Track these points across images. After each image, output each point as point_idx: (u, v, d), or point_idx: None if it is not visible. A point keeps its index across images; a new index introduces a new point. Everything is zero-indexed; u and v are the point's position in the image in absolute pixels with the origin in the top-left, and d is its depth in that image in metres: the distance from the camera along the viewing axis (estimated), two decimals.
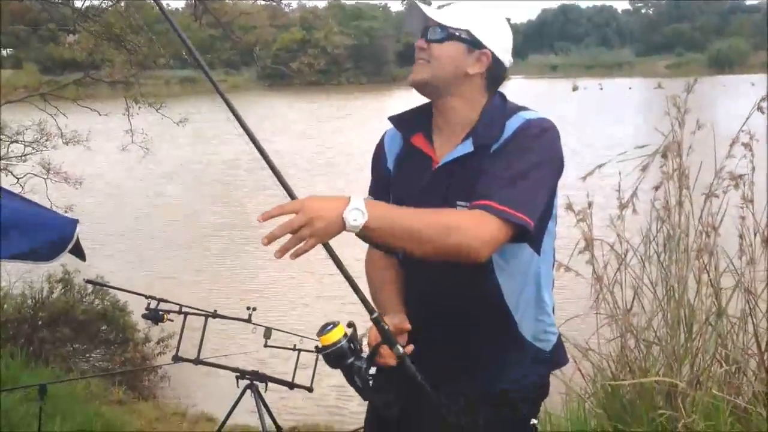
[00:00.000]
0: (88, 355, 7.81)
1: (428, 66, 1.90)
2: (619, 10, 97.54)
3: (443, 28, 1.88)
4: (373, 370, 1.85)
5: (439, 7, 1.93)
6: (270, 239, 1.60)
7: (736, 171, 3.10)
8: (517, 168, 1.78)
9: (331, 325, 1.81)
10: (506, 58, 1.93)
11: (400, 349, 1.76)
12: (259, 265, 11.80)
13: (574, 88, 47.05)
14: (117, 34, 9.64)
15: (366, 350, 1.84)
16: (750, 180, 3.13)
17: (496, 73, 1.92)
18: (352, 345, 1.80)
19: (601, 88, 47.66)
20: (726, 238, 3.20)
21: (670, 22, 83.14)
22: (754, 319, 3.08)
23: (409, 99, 2.01)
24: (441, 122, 1.96)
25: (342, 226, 1.62)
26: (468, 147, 1.87)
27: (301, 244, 1.60)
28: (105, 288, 7.22)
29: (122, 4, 10.46)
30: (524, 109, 1.92)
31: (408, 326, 1.86)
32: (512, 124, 1.86)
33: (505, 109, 1.92)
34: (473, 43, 1.88)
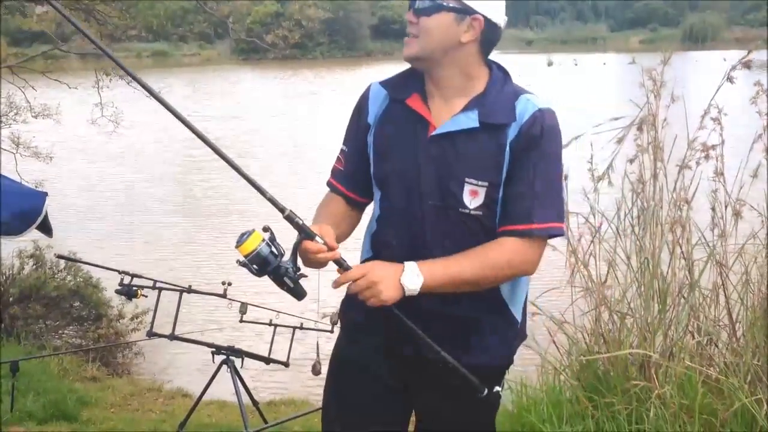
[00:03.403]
0: (60, 331, 7.73)
1: (418, 41, 1.85)
2: None
3: (430, 0, 1.82)
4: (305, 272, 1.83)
5: None
6: (336, 286, 1.82)
7: (708, 143, 3.11)
8: (544, 179, 1.84)
9: (247, 234, 1.75)
10: (500, 19, 1.87)
11: (319, 240, 1.76)
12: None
13: (549, 63, 47.05)
14: (86, 4, 9.43)
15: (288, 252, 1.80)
16: (720, 153, 3.15)
17: (490, 37, 1.87)
18: (273, 249, 1.75)
19: (576, 64, 47.73)
20: (698, 211, 3.23)
21: None
22: (726, 292, 3.12)
23: (384, 73, 1.98)
24: (434, 90, 1.92)
25: (402, 291, 1.77)
26: (473, 121, 1.84)
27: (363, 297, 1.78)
28: (77, 263, 7.14)
29: None
30: (526, 91, 1.90)
31: (330, 230, 1.82)
32: (523, 110, 1.84)
33: (510, 85, 1.91)
34: (463, 10, 1.82)
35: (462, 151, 1.84)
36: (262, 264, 1.74)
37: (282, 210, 1.73)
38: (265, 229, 1.78)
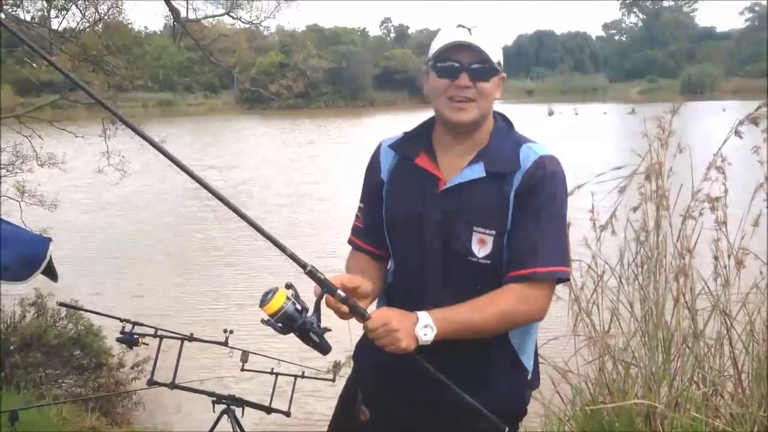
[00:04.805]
0: (60, 380, 7.65)
1: (476, 104, 1.88)
2: (593, 37, 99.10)
3: (490, 63, 1.86)
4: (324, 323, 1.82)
5: (470, 33, 1.87)
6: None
7: (712, 194, 3.13)
8: (547, 224, 1.86)
9: (271, 293, 1.75)
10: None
11: (341, 294, 1.76)
12: (238, 288, 11.73)
13: (550, 113, 47.60)
14: (94, 55, 9.61)
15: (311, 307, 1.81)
16: (723, 203, 3.17)
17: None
18: (297, 306, 1.76)
19: (577, 113, 48.28)
20: (701, 260, 3.23)
21: (642, 48, 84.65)
22: (731, 341, 3.10)
23: (386, 123, 2.01)
24: (453, 144, 1.95)
25: (416, 341, 1.77)
26: (479, 171, 1.88)
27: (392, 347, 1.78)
28: (79, 311, 7.11)
29: (99, 26, 10.45)
30: (529, 140, 1.95)
31: (357, 282, 1.83)
32: (526, 157, 1.89)
33: (513, 135, 1.96)
34: (501, 71, 1.90)
35: (470, 201, 1.88)
36: (287, 322, 1.75)
37: (303, 266, 1.74)
38: (288, 286, 1.78)
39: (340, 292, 1.77)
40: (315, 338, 1.78)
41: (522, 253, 1.85)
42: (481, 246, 1.87)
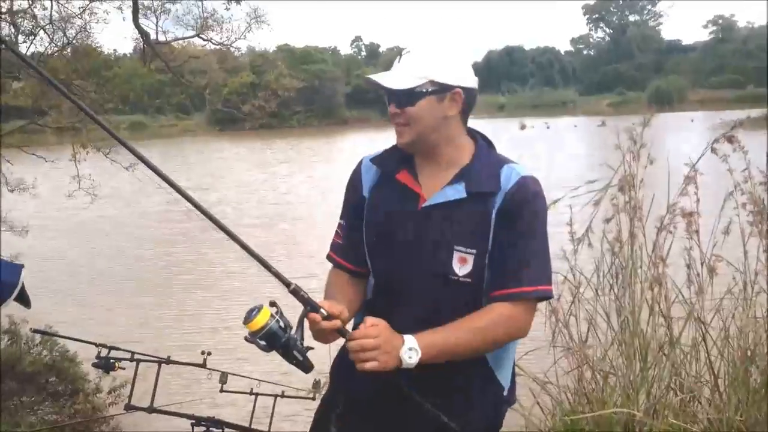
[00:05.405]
0: (36, 407, 7.50)
1: (410, 128, 1.90)
2: (562, 51, 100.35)
3: (407, 92, 1.88)
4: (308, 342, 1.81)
5: (398, 60, 1.92)
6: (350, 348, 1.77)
7: (686, 207, 3.18)
8: (531, 243, 1.88)
9: (255, 310, 1.73)
10: (474, 82, 1.94)
11: (324, 311, 1.76)
12: (215, 308, 11.62)
13: (522, 127, 48.06)
14: (63, 79, 9.54)
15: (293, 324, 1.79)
16: (695, 211, 3.22)
17: (470, 103, 1.94)
18: (281, 323, 1.74)
19: (548, 127, 48.81)
20: (675, 269, 3.27)
21: (610, 62, 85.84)
22: (706, 347, 3.14)
23: (359, 142, 2.03)
24: (424, 163, 1.98)
25: (400, 362, 1.76)
26: (461, 192, 1.89)
27: (372, 364, 1.75)
28: (53, 338, 7.00)
29: (68, 50, 10.38)
30: (510, 160, 1.97)
31: (336, 310, 1.81)
32: (507, 177, 1.90)
33: (494, 155, 1.98)
34: (441, 90, 1.88)
35: (451, 219, 1.89)
36: (271, 339, 1.73)
37: (288, 284, 1.75)
38: (272, 304, 1.77)
39: (323, 310, 1.76)
40: (298, 356, 1.77)
41: (507, 273, 1.85)
42: (462, 264, 1.87)
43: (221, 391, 4.14)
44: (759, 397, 2.94)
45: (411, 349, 1.76)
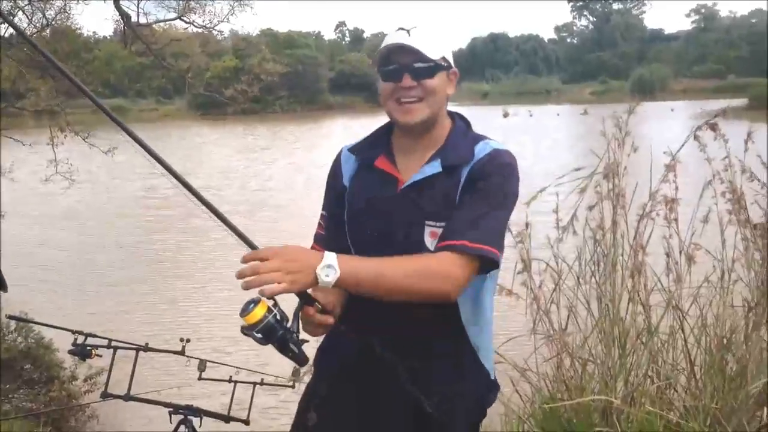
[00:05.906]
0: (11, 395, 7.44)
1: (425, 103, 1.88)
2: (546, 39, 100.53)
3: (431, 61, 1.86)
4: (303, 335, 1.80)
5: (408, 34, 1.89)
6: (240, 277, 1.62)
7: (668, 195, 3.18)
8: (486, 206, 1.82)
9: (253, 303, 1.70)
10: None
11: (319, 305, 1.76)
12: (193, 297, 11.55)
13: (505, 115, 48.13)
14: (42, 61, 9.39)
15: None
16: (674, 198, 3.22)
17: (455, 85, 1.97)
18: (278, 316, 1.71)
19: (531, 115, 48.94)
20: (655, 257, 3.28)
21: (593, 50, 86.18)
22: (684, 335, 3.16)
23: (344, 127, 2.01)
24: (411, 145, 1.96)
25: (315, 281, 1.65)
26: (436, 167, 1.89)
27: (275, 286, 1.60)
28: (29, 324, 6.93)
29: (47, 31, 10.22)
30: (487, 137, 1.95)
31: (331, 301, 1.82)
32: (480, 150, 1.89)
33: (471, 133, 1.97)
34: (448, 66, 1.91)
35: (425, 196, 1.89)
36: (268, 333, 1.70)
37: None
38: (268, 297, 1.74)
39: (317, 303, 1.76)
40: (294, 349, 1.74)
41: (455, 227, 1.81)
42: (433, 239, 1.85)
43: (200, 378, 4.11)
44: (735, 384, 2.96)
45: (329, 267, 1.66)
